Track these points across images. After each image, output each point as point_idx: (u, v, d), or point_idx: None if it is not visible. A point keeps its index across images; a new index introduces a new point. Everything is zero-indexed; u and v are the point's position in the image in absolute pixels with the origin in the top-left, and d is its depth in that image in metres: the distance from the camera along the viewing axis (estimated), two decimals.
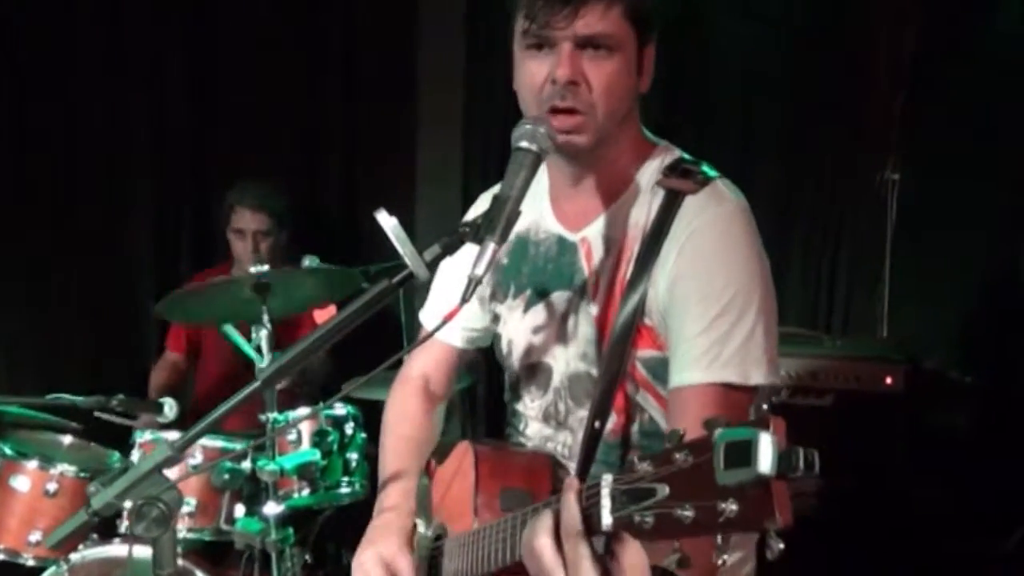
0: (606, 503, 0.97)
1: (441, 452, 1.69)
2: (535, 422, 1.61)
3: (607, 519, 0.97)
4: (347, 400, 2.88)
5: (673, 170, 1.47)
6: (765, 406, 0.85)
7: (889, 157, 3.54)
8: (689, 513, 0.88)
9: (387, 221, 1.22)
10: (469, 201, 1.68)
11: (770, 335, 1.39)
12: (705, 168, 1.47)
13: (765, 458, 0.81)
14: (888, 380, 2.94)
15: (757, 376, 1.36)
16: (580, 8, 1.35)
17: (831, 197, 3.69)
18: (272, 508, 2.41)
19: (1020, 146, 3.39)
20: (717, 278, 1.37)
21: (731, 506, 0.84)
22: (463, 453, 1.56)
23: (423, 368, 1.76)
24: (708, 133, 3.72)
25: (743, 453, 0.83)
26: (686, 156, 1.52)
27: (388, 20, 3.94)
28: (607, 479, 0.98)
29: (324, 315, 3.14)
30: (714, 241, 1.39)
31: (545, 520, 1.06)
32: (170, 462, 1.22)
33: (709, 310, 1.36)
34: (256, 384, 1.24)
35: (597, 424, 1.43)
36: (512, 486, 1.44)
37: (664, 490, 0.91)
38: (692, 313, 1.37)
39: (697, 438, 0.90)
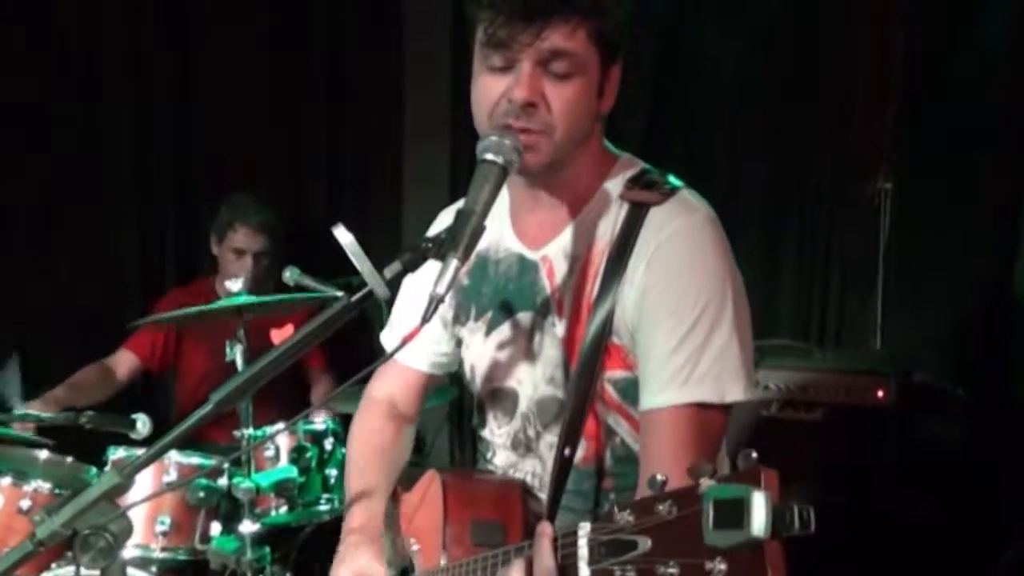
0: (583, 554, 0.94)
1: (407, 479, 1.63)
2: (503, 450, 1.55)
3: (584, 572, 0.93)
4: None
5: (636, 182, 1.42)
6: (754, 454, 0.81)
7: (881, 166, 3.49)
8: (674, 571, 0.84)
9: (344, 236, 1.17)
10: None
11: (745, 348, 1.34)
12: (670, 179, 1.42)
13: (759, 519, 0.77)
14: (879, 393, 2.89)
15: (734, 392, 1.32)
16: (544, 28, 1.29)
17: (822, 207, 3.65)
18: (248, 527, 2.36)
19: (1016, 154, 3.35)
20: (688, 291, 1.32)
21: (720, 566, 0.80)
22: (429, 481, 1.50)
23: (389, 391, 1.70)
24: (695, 145, 3.69)
25: (735, 513, 0.79)
26: (649, 167, 1.47)
27: (374, 26, 3.92)
28: (584, 528, 0.94)
29: (281, 335, 3.10)
30: (683, 252, 1.34)
31: (517, 569, 1.03)
32: (118, 489, 1.17)
33: (680, 325, 1.31)
34: (208, 407, 1.19)
35: (567, 452, 1.36)
36: (483, 517, 1.37)
37: (646, 543, 0.87)
38: (663, 329, 1.32)
39: (682, 489, 0.86)
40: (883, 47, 3.48)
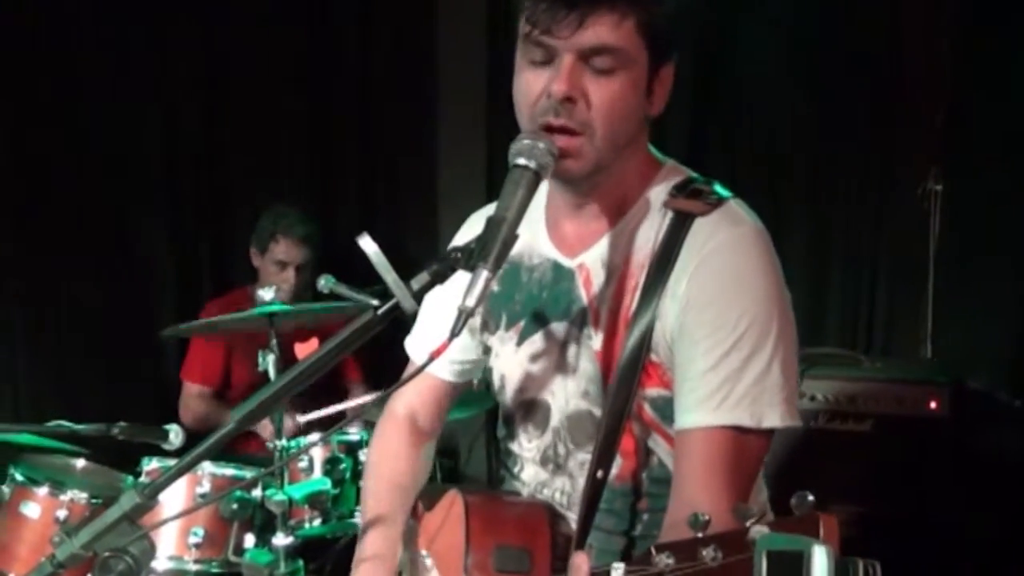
0: None
1: (430, 496, 1.57)
2: (532, 465, 1.49)
3: None
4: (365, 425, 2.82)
5: (681, 190, 1.34)
6: (811, 497, 0.74)
7: (932, 167, 3.40)
8: None
9: (369, 247, 1.13)
10: None
11: (788, 372, 1.26)
12: (717, 188, 1.35)
13: None
14: (932, 403, 2.81)
15: (771, 418, 1.24)
16: (587, 17, 1.22)
17: (871, 209, 3.57)
18: (282, 539, 2.33)
19: None
20: (730, 309, 1.24)
21: None
22: (451, 503, 1.45)
23: (409, 403, 1.64)
24: (741, 144, 3.63)
25: (792, 568, 0.71)
26: (696, 176, 1.40)
27: (406, 30, 3.89)
28: (619, 569, 0.89)
29: (306, 349, 3.07)
30: (727, 268, 1.26)
31: None
32: (140, 510, 1.14)
33: (721, 344, 1.24)
34: (230, 426, 1.14)
35: (600, 473, 1.30)
36: (507, 543, 1.32)
37: None
38: (701, 346, 1.25)
39: (728, 532, 0.80)
40: (931, 46, 3.39)
